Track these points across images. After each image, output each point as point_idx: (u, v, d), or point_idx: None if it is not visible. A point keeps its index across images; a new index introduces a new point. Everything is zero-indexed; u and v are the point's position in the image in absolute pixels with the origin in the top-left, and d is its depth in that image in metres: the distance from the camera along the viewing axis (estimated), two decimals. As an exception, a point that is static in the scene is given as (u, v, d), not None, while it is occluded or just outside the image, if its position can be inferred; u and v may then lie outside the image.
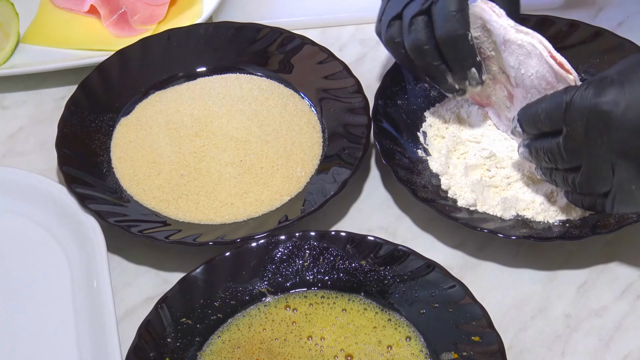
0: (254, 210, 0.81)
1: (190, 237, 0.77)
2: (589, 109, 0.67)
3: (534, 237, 0.75)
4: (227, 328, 0.72)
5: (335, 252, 0.75)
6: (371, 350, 0.70)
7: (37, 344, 0.72)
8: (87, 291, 0.74)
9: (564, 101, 0.68)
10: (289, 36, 0.93)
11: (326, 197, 0.78)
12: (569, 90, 0.69)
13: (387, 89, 0.86)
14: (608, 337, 0.73)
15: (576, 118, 0.68)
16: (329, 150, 0.84)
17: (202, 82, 0.93)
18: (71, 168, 0.82)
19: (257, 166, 0.84)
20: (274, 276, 0.74)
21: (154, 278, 0.78)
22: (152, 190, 0.83)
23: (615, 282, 0.76)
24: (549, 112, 0.70)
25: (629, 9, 1.02)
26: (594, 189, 0.70)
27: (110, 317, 0.71)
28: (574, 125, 0.68)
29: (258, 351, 0.70)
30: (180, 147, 0.86)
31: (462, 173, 0.80)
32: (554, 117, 0.70)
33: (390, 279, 0.73)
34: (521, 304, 0.75)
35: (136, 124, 0.89)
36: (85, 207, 0.78)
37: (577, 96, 0.68)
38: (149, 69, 0.92)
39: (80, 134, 0.86)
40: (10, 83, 0.96)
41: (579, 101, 0.67)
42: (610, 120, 0.66)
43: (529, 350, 0.72)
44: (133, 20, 1.00)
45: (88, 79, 0.90)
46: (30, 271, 0.77)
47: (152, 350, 0.69)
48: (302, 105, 0.89)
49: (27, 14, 1.01)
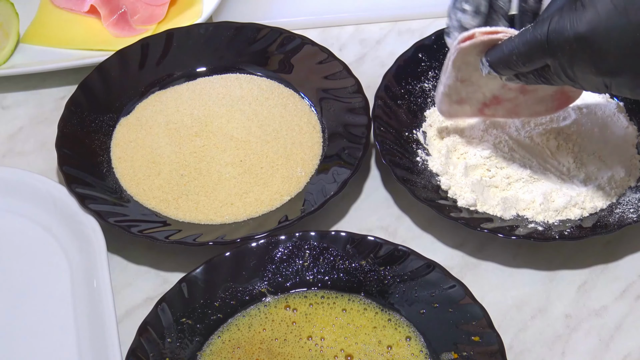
0: (254, 210, 0.81)
1: (190, 237, 0.77)
2: (573, 41, 0.64)
3: (534, 237, 0.75)
4: (227, 328, 0.72)
5: (335, 252, 0.75)
6: (371, 350, 0.70)
7: (37, 344, 0.72)
8: (87, 291, 0.74)
9: (540, 39, 0.66)
10: (289, 36, 0.93)
11: (326, 197, 0.78)
12: (538, 26, 0.66)
13: (387, 89, 0.86)
14: (608, 337, 0.73)
15: (561, 54, 0.65)
16: (329, 150, 0.84)
17: (202, 82, 0.93)
18: (71, 168, 0.82)
19: (257, 166, 0.84)
20: (274, 276, 0.74)
21: (154, 278, 0.78)
22: (152, 190, 0.83)
23: (615, 282, 0.76)
24: (526, 53, 0.68)
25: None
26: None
27: (110, 317, 0.71)
28: (560, 60, 0.66)
29: (258, 351, 0.70)
30: (180, 147, 0.86)
31: (462, 173, 0.80)
32: (533, 56, 0.67)
33: (390, 279, 0.73)
34: (521, 304, 0.75)
35: (136, 124, 0.89)
36: (85, 207, 0.78)
37: (553, 30, 0.65)
38: (149, 69, 0.92)
39: (80, 134, 0.86)
40: (10, 83, 0.96)
41: (559, 36, 0.65)
42: (596, 48, 0.63)
43: (529, 350, 0.72)
44: (133, 20, 1.00)
45: (88, 79, 0.90)
46: (30, 271, 0.77)
47: (152, 350, 0.69)
48: (302, 105, 0.89)
49: (27, 14, 1.01)
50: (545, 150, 0.81)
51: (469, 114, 0.80)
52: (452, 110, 0.80)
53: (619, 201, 0.78)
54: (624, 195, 0.78)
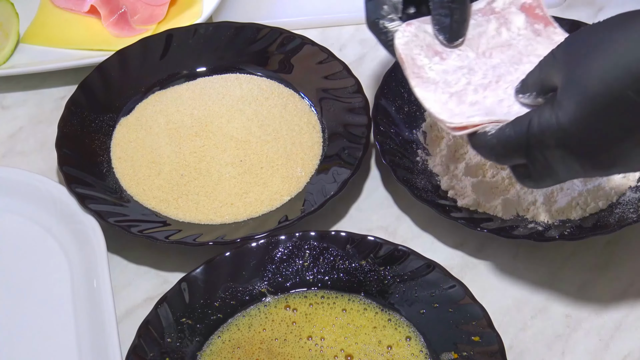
0: (254, 210, 0.81)
1: (190, 237, 0.77)
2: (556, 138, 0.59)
3: (534, 237, 0.75)
4: (227, 328, 0.72)
5: (335, 252, 0.75)
6: (371, 350, 0.70)
7: (37, 344, 0.72)
8: (87, 291, 0.74)
9: (519, 138, 0.61)
10: (289, 36, 0.93)
11: (326, 197, 0.78)
12: (516, 124, 0.62)
13: (387, 89, 0.86)
14: (608, 337, 0.73)
15: (541, 151, 0.61)
16: (329, 150, 0.84)
17: (202, 82, 0.93)
18: (71, 168, 0.82)
19: (257, 166, 0.84)
20: (274, 276, 0.74)
21: (154, 278, 0.78)
22: (152, 190, 0.83)
23: (615, 282, 0.76)
24: (503, 153, 0.63)
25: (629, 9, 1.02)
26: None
27: (110, 317, 0.71)
28: (539, 158, 0.61)
29: (258, 351, 0.70)
30: (180, 147, 0.86)
31: (462, 173, 0.80)
32: (511, 156, 0.63)
33: (390, 279, 0.73)
34: (521, 304, 0.75)
35: (136, 124, 0.89)
36: (85, 207, 0.78)
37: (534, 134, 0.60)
38: (149, 69, 0.92)
39: (80, 134, 0.86)
40: (10, 83, 0.96)
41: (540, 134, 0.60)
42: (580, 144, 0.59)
43: (529, 350, 0.72)
44: (133, 20, 1.00)
45: (88, 79, 0.90)
46: (30, 271, 0.77)
47: (152, 350, 0.69)
48: (302, 105, 0.89)
49: (27, 14, 1.01)
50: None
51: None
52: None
53: (619, 201, 0.78)
54: (624, 195, 0.78)
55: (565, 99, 0.58)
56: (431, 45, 0.70)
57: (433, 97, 0.68)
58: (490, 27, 0.71)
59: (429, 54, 0.69)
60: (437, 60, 0.69)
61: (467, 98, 0.67)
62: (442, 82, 0.68)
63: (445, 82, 0.68)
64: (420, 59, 0.69)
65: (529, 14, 0.71)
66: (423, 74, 0.69)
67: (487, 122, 0.64)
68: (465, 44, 0.70)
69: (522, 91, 0.65)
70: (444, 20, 0.69)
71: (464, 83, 0.68)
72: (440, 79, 0.68)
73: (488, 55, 0.70)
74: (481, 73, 0.68)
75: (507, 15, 0.71)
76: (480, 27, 0.71)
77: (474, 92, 0.67)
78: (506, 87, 0.67)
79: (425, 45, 0.70)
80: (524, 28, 0.71)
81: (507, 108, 0.65)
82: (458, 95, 0.67)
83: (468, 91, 0.67)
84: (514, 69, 0.68)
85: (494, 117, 0.64)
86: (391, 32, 0.71)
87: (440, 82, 0.68)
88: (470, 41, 0.70)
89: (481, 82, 0.68)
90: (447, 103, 0.67)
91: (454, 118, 0.65)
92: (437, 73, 0.69)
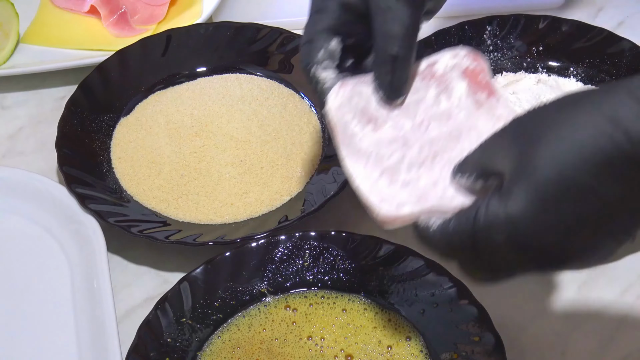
0: (254, 210, 0.81)
1: (190, 237, 0.77)
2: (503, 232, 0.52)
3: (534, 237, 0.75)
4: (227, 328, 0.72)
5: (335, 252, 0.75)
6: (371, 350, 0.70)
7: (37, 344, 0.72)
8: (87, 291, 0.74)
9: (466, 233, 0.54)
10: (289, 36, 0.93)
11: (326, 197, 0.78)
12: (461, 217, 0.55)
13: (387, 89, 0.86)
14: (608, 337, 0.73)
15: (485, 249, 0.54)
16: (329, 150, 0.84)
17: (202, 82, 0.93)
18: (71, 168, 0.82)
19: (257, 166, 0.84)
20: (274, 276, 0.74)
21: (154, 278, 0.78)
22: (152, 190, 0.83)
23: (615, 282, 0.76)
24: (446, 248, 0.56)
25: (629, 9, 1.02)
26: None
27: (110, 317, 0.71)
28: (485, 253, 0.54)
29: (258, 351, 0.70)
30: (180, 147, 0.86)
31: (462, 173, 0.80)
32: (453, 253, 0.57)
33: (390, 279, 0.73)
34: (521, 304, 0.75)
35: (136, 124, 0.89)
36: (85, 207, 0.78)
37: (481, 229, 0.53)
38: (149, 69, 0.92)
39: (80, 134, 0.86)
40: (10, 83, 0.96)
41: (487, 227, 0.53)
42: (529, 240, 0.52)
43: (529, 350, 0.72)
44: (133, 20, 1.00)
45: (88, 79, 0.90)
46: (30, 271, 0.77)
47: (152, 350, 0.69)
48: (302, 105, 0.89)
49: (27, 14, 1.01)
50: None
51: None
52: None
53: (619, 201, 0.78)
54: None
55: (514, 188, 0.51)
56: (366, 110, 0.64)
57: (363, 172, 0.61)
58: (430, 94, 0.64)
59: (363, 121, 0.63)
60: (370, 128, 0.63)
61: (399, 176, 0.61)
62: (374, 155, 0.62)
63: (377, 155, 0.62)
64: (352, 126, 0.63)
65: (472, 81, 0.64)
66: (355, 143, 0.62)
67: (417, 214, 0.58)
68: (402, 111, 0.64)
69: (461, 172, 0.58)
70: (385, 77, 0.62)
71: (397, 158, 0.62)
72: (372, 150, 0.62)
73: (425, 126, 0.63)
74: (417, 147, 0.62)
75: (448, 82, 0.65)
76: (419, 93, 0.64)
77: (407, 169, 0.61)
78: (442, 166, 0.61)
79: (360, 110, 0.63)
80: (465, 97, 0.64)
81: (442, 191, 0.59)
82: (390, 173, 0.61)
83: (401, 168, 0.61)
84: (452, 146, 0.62)
85: (427, 205, 0.59)
86: (323, 82, 0.65)
87: (372, 155, 0.62)
88: (407, 108, 0.64)
89: (416, 159, 0.62)
90: (377, 181, 0.61)
91: (383, 204, 0.59)
92: (370, 144, 0.62)
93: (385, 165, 0.61)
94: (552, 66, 0.91)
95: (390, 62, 0.62)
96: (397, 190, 0.60)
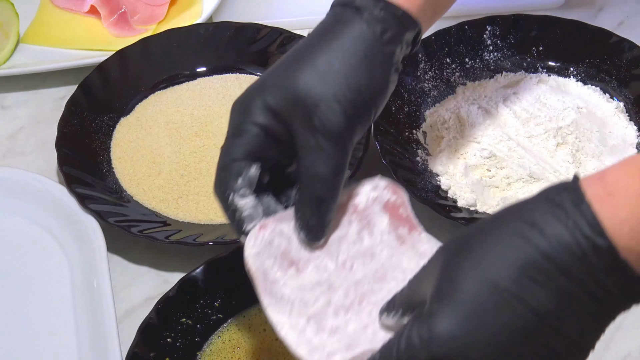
0: (254, 210, 0.81)
1: (190, 237, 0.77)
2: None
3: (533, 237, 0.75)
4: (227, 328, 0.72)
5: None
6: (371, 350, 0.70)
7: (37, 344, 0.72)
8: (87, 291, 0.74)
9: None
10: (289, 36, 0.93)
11: (326, 197, 0.78)
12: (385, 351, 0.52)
13: (387, 89, 0.86)
14: (608, 337, 0.72)
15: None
16: (329, 150, 0.84)
17: (202, 82, 0.93)
18: (71, 168, 0.82)
19: (257, 166, 0.84)
20: (274, 276, 0.74)
21: (154, 278, 0.78)
22: (152, 190, 0.83)
23: (615, 282, 0.76)
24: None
25: (629, 9, 1.02)
26: None
27: (110, 317, 0.71)
28: None
29: (258, 351, 0.70)
30: (180, 147, 0.86)
31: (462, 173, 0.80)
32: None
33: (390, 279, 0.73)
34: (521, 304, 0.75)
35: (136, 124, 0.89)
36: (85, 207, 0.78)
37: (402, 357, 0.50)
38: (149, 69, 0.92)
39: (80, 134, 0.86)
40: (10, 83, 0.96)
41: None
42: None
43: (529, 350, 0.72)
44: (133, 20, 1.00)
45: (88, 79, 0.90)
46: (30, 271, 0.77)
47: (152, 350, 0.69)
48: (302, 105, 0.89)
49: (27, 14, 1.01)
50: (545, 150, 0.81)
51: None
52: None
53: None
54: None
55: (435, 307, 0.49)
56: (287, 253, 0.61)
57: (289, 322, 0.58)
58: (352, 231, 0.62)
59: (284, 265, 0.60)
60: (292, 272, 0.60)
61: (327, 323, 0.58)
62: (298, 302, 0.59)
63: (302, 302, 0.59)
64: (273, 272, 0.60)
65: (393, 215, 0.63)
66: (276, 290, 0.59)
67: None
68: (324, 251, 0.61)
69: (387, 311, 0.57)
70: (310, 219, 0.60)
71: (323, 303, 0.59)
72: (296, 297, 0.59)
73: (349, 267, 0.61)
74: (342, 290, 0.60)
75: (370, 217, 0.63)
76: (341, 229, 0.62)
77: (334, 315, 0.59)
78: (370, 309, 0.59)
79: (280, 253, 0.60)
80: (387, 233, 0.62)
81: (372, 335, 0.58)
82: (317, 320, 0.58)
83: (328, 314, 0.59)
84: (378, 287, 0.60)
85: (357, 351, 0.56)
86: (241, 210, 0.62)
87: (296, 302, 0.59)
88: (330, 247, 0.62)
89: (342, 303, 0.59)
90: (305, 331, 0.58)
91: (313, 355, 0.57)
92: (293, 289, 0.59)
93: (311, 311, 0.59)
94: (552, 66, 0.91)
95: (315, 203, 0.59)
96: (326, 339, 0.58)
